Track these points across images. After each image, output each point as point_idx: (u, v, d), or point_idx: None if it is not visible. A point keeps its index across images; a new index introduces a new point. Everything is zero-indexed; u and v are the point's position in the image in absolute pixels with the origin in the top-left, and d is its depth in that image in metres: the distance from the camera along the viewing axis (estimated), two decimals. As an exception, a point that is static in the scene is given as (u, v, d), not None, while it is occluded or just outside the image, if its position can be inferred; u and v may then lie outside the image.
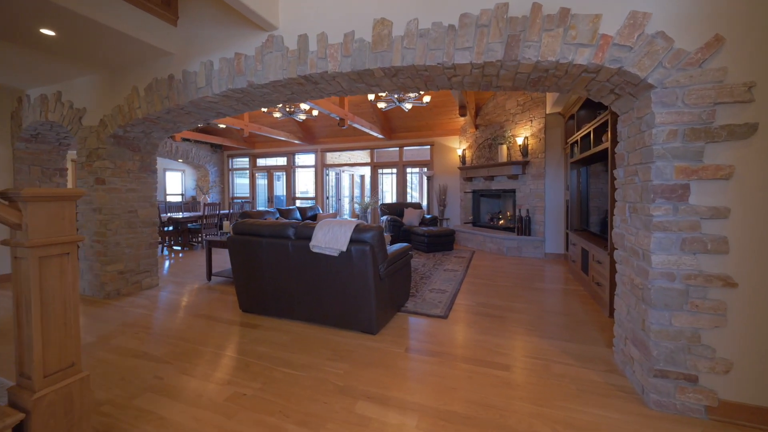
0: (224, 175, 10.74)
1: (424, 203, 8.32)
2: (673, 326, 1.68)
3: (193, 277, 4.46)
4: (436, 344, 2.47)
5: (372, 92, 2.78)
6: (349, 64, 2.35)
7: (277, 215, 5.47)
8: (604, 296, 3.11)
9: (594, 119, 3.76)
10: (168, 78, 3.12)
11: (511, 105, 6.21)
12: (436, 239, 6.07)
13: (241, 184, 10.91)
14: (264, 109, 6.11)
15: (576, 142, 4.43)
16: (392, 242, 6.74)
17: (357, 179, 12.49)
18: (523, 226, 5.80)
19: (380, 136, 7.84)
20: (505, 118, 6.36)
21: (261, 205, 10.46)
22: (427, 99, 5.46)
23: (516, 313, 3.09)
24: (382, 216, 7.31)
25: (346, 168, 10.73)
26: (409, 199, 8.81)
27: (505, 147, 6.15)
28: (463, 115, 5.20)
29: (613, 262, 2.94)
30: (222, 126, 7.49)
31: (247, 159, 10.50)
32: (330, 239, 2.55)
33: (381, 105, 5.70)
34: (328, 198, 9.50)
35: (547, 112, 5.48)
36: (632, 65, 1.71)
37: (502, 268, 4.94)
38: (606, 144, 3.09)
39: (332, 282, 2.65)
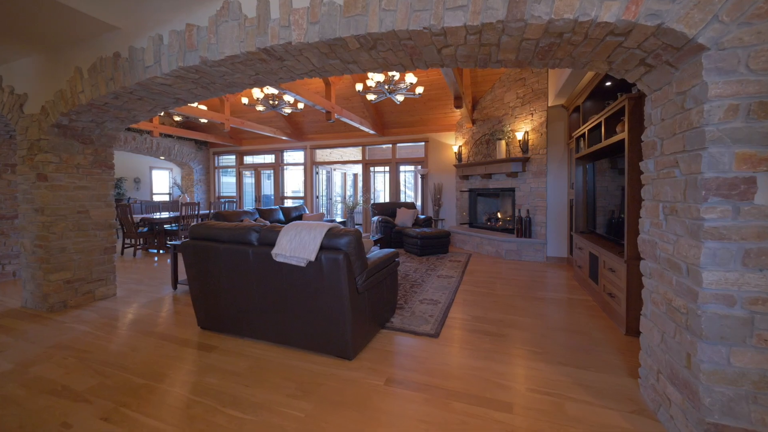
0: (210, 174, 10.27)
1: (419, 203, 7.90)
2: (732, 366, 1.27)
3: (159, 284, 4.01)
4: (423, 373, 2.05)
5: (349, 71, 2.35)
6: (317, 33, 1.91)
7: (257, 216, 5.03)
8: (618, 310, 2.70)
9: (602, 110, 3.35)
10: (113, 56, 2.67)
11: (510, 98, 5.81)
12: (430, 241, 5.65)
13: (227, 183, 10.43)
14: (245, 101, 5.66)
15: (582, 135, 4.02)
16: (383, 245, 6.32)
17: (350, 178, 12.05)
18: (522, 228, 5.40)
19: (372, 131, 7.41)
20: (503, 111, 5.95)
21: (249, 205, 10.00)
22: (419, 90, 5.03)
23: (518, 330, 2.68)
24: (374, 216, 6.88)
25: (337, 166, 10.29)
26: (403, 199, 8.39)
27: (503, 143, 5.75)
28: (458, 107, 4.79)
29: (630, 272, 2.53)
30: (204, 121, 7.03)
31: (233, 156, 10.03)
32: (296, 246, 2.12)
33: (371, 97, 5.26)
34: (317, 197, 9.06)
35: (550, 105, 5.07)
36: (676, 20, 1.30)
37: (500, 273, 4.52)
38: (622, 135, 2.68)
39: (300, 297, 2.22)
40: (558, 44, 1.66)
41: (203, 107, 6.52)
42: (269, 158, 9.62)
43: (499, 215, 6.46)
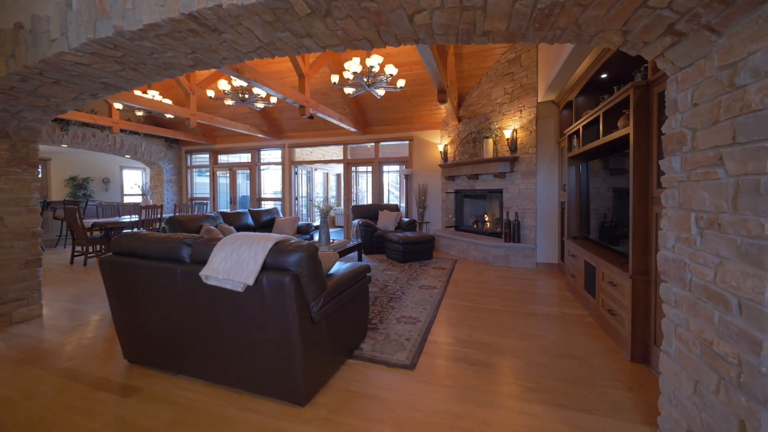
0: (182, 174, 9.62)
1: (403, 205, 7.51)
2: (812, 449, 0.90)
3: (99, 300, 3.48)
4: (392, 425, 1.63)
5: (305, 48, 1.92)
6: (254, -8, 1.47)
7: (220, 221, 4.52)
8: (622, 331, 2.35)
9: (598, 105, 3.02)
10: (14, 28, 2.16)
11: (497, 93, 5.47)
12: (413, 247, 5.25)
13: (201, 184, 9.81)
14: (210, 94, 5.14)
15: (576, 132, 3.69)
16: (364, 250, 5.89)
17: (332, 178, 11.58)
18: (511, 232, 5.06)
19: (353, 129, 6.97)
20: (490, 108, 5.61)
21: (223, 207, 9.41)
22: (401, 83, 4.63)
23: (508, 357, 2.29)
24: (354, 220, 6.45)
25: (318, 166, 9.82)
26: (387, 201, 7.99)
27: (490, 141, 5.40)
28: (442, 101, 4.42)
29: (637, 289, 2.18)
30: (170, 116, 6.44)
31: (207, 155, 9.42)
32: (232, 266, 1.67)
33: (348, 90, 4.83)
34: (296, 199, 8.56)
35: (539, 101, 4.75)
36: (732, -41, 0.92)
37: (488, 282, 4.16)
38: (625, 129, 2.33)
39: (239, 329, 1.77)
40: (562, 5, 1.27)
41: (168, 101, 5.95)
42: (245, 157, 9.06)
43: (486, 218, 6.12)
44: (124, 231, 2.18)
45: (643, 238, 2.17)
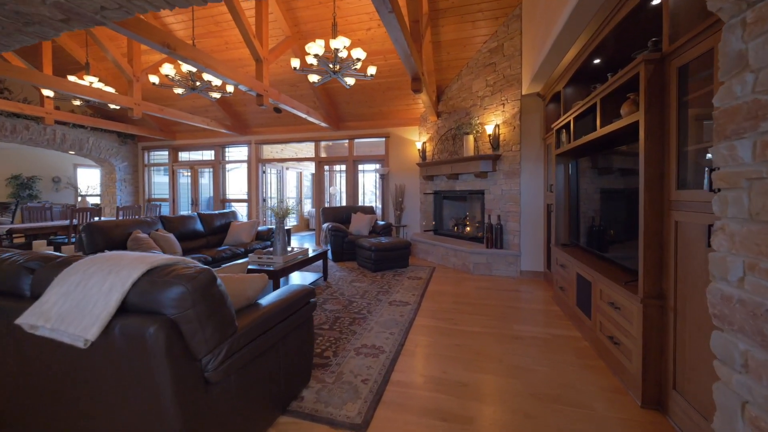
0: (138, 172, 8.75)
1: (380, 206, 6.98)
2: None
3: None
4: None
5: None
6: None
7: (158, 227, 3.84)
8: (628, 366, 1.89)
9: (588, 96, 2.58)
10: None
11: (478, 86, 5.02)
12: (386, 254, 4.73)
13: (161, 184, 8.96)
14: (154, 80, 4.45)
15: (565, 126, 3.26)
16: (334, 257, 5.32)
17: (307, 178, 10.92)
18: (493, 237, 4.62)
19: (324, 124, 6.39)
20: (471, 102, 5.17)
21: (184, 209, 8.60)
22: (372, 71, 4.10)
23: (490, 404, 1.79)
24: (324, 223, 5.87)
25: (291, 165, 9.16)
26: (364, 202, 7.44)
27: (471, 138, 4.95)
28: (416, 90, 3.91)
29: (650, 318, 1.73)
30: (114, 106, 5.65)
31: (166, 152, 8.59)
32: (70, 309, 1.09)
33: (313, 79, 4.26)
34: (264, 200, 7.89)
35: (524, 93, 4.32)
36: None
37: (467, 296, 3.68)
38: (633, 117, 1.88)
39: (93, 403, 1.18)
40: None
41: (110, 89, 5.19)
42: (208, 155, 8.30)
43: (467, 221, 5.67)
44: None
45: (657, 252, 1.72)
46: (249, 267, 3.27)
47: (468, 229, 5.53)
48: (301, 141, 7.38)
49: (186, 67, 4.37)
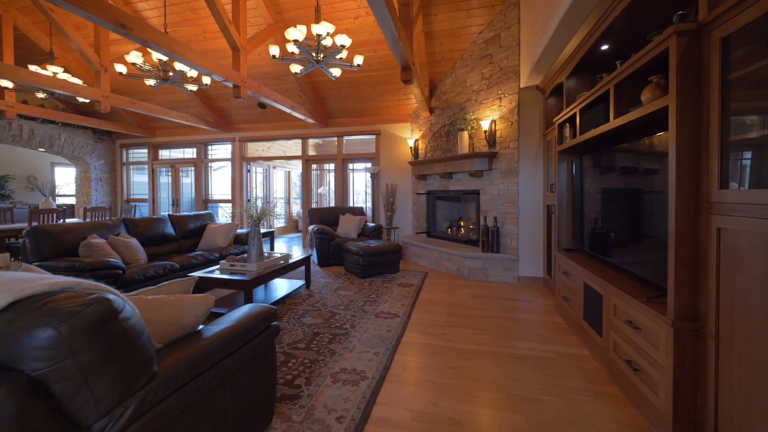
0: (116, 171, 8.30)
1: (370, 207, 6.65)
2: None
3: None
4: None
5: None
6: None
7: (120, 230, 3.46)
8: (653, 399, 1.59)
9: (595, 86, 2.30)
10: None
11: (473, 79, 4.72)
12: (375, 259, 4.39)
13: (141, 183, 8.51)
14: (121, 69, 4.06)
15: (570, 119, 2.97)
16: (319, 262, 4.99)
17: (297, 178, 10.54)
18: (489, 240, 4.32)
19: (311, 120, 6.03)
20: (466, 97, 4.86)
21: (165, 210, 8.17)
22: (358, 60, 3.77)
23: (490, 450, 1.48)
24: (310, 225, 5.52)
25: (278, 163, 8.78)
26: (354, 203, 7.09)
27: (465, 134, 4.65)
28: (407, 81, 3.58)
29: (682, 344, 1.43)
30: (83, 100, 5.22)
31: (146, 150, 8.15)
32: None
33: (295, 69, 3.92)
34: (249, 201, 7.50)
35: (522, 86, 4.03)
36: None
37: (462, 305, 3.37)
38: (660, 102, 1.58)
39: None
40: None
41: (77, 80, 4.78)
42: (190, 153, 7.89)
43: (462, 223, 5.37)
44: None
45: (691, 265, 1.42)
46: (218, 276, 2.92)
47: (463, 231, 5.22)
48: (287, 138, 7.01)
49: (157, 56, 4.00)
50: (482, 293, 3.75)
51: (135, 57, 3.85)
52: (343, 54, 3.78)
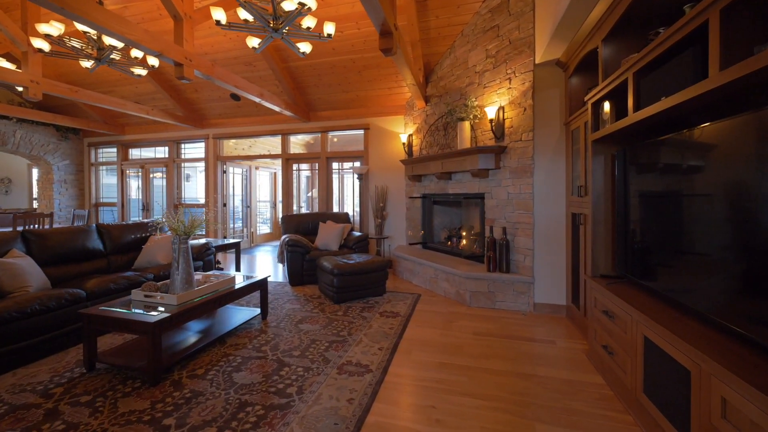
0: (84, 172, 7.57)
1: (358, 212, 5.79)
2: None
3: None
4: None
5: None
6: None
7: (15, 246, 2.64)
8: None
9: (646, 48, 1.44)
10: None
11: (476, 58, 3.87)
12: (353, 279, 3.54)
13: (111, 185, 7.77)
14: (40, 45, 3.28)
15: (614, 93, 2.10)
16: (292, 281, 4.15)
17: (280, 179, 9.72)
18: (497, 256, 3.44)
19: (288, 113, 5.22)
20: (468, 80, 4.01)
21: (135, 214, 7.41)
22: (329, 29, 2.94)
23: None
24: (284, 234, 4.68)
25: (263, 164, 7.98)
26: (342, 207, 6.25)
27: (467, 125, 3.79)
28: (386, 50, 2.64)
29: None
30: (20, 88, 4.44)
31: (114, 149, 7.41)
32: None
33: (252, 44, 3.12)
34: (225, 205, 6.70)
35: (538, 62, 3.17)
36: None
37: (460, 349, 2.49)
38: None
39: None
40: None
41: (8, 65, 4.01)
42: (162, 152, 7.13)
43: (463, 232, 4.50)
44: None
45: None
46: (114, 313, 2.08)
47: (465, 242, 4.35)
48: (264, 135, 6.21)
49: (84, 29, 3.22)
50: (488, 328, 2.86)
51: (48, 28, 3.07)
52: (311, 23, 2.97)
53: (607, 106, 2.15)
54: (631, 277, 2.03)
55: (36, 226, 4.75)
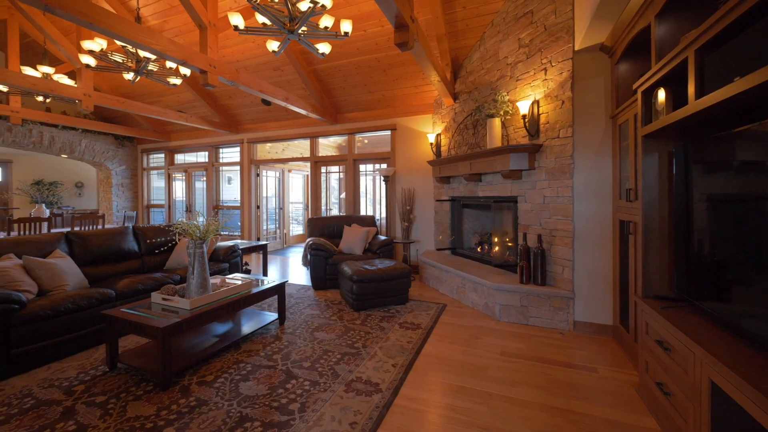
0: (138, 176, 8.25)
1: (383, 216, 5.65)
2: None
3: None
4: None
5: None
6: None
7: (60, 246, 2.84)
8: None
9: (712, 17, 1.11)
10: None
11: (508, 49, 3.55)
12: (374, 286, 3.39)
13: (160, 188, 8.39)
14: (87, 61, 3.55)
15: (671, 77, 1.74)
16: (315, 285, 4.12)
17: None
18: (531, 266, 3.11)
19: (314, 116, 5.22)
20: (498, 74, 3.70)
21: (180, 215, 7.91)
22: (346, 28, 2.84)
23: None
24: (309, 237, 4.68)
25: (295, 166, 8.15)
26: (368, 211, 6.16)
27: (497, 122, 3.48)
28: (402, 44, 2.37)
29: None
30: (78, 100, 4.91)
31: (162, 155, 7.99)
32: None
33: (272, 47, 3.11)
34: (258, 207, 6.90)
35: (578, 48, 2.80)
36: None
37: (484, 372, 2.24)
38: None
39: None
40: None
41: (67, 80, 4.44)
42: (203, 156, 7.54)
43: (495, 238, 4.17)
44: None
45: None
46: (130, 315, 2.13)
47: (497, 249, 4.02)
48: (293, 138, 6.30)
49: (122, 43, 3.43)
50: (518, 348, 2.57)
51: (92, 44, 3.30)
52: (328, 22, 2.89)
53: (661, 94, 1.79)
54: (694, 301, 1.66)
55: (91, 226, 5.21)
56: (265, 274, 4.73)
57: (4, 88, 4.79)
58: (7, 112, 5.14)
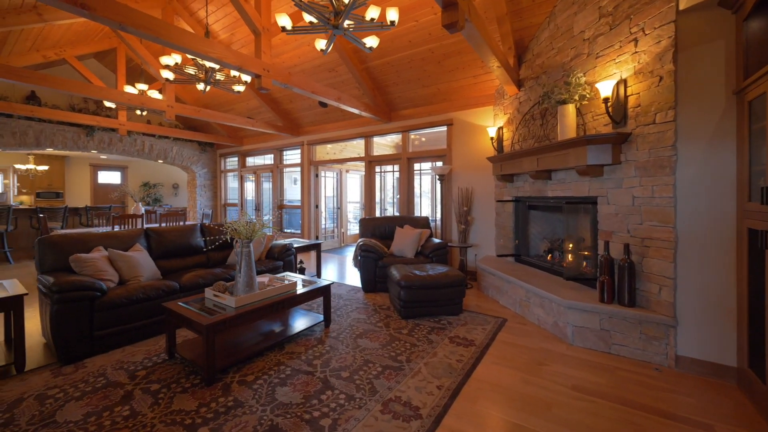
0: (217, 178, 9.18)
1: (438, 217, 5.33)
2: None
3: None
4: None
5: None
6: None
7: (139, 241, 3.19)
8: None
9: None
10: None
11: (584, 23, 2.99)
12: (423, 293, 3.15)
13: (234, 189, 9.23)
14: (167, 75, 3.96)
15: None
16: (365, 287, 4.04)
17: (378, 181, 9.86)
18: (615, 282, 2.55)
19: (367, 114, 5.14)
20: (573, 52, 3.15)
21: (251, 213, 8.59)
22: (392, 16, 2.65)
23: None
24: (360, 238, 4.61)
25: (353, 166, 8.25)
26: (423, 212, 5.90)
27: (570, 108, 2.95)
28: (450, 26, 2.02)
29: None
30: (164, 111, 5.61)
31: (236, 158, 8.76)
32: None
33: (320, 45, 3.08)
34: (317, 206, 7.12)
35: (683, 8, 2.19)
36: None
37: (547, 410, 1.85)
38: None
39: None
40: None
41: (156, 94, 5.08)
42: (270, 159, 8.06)
43: (570, 245, 3.59)
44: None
45: None
46: (182, 308, 2.23)
47: (571, 258, 3.45)
48: (348, 138, 6.33)
49: (192, 57, 3.73)
50: (596, 384, 2.10)
51: (167, 59, 3.65)
52: (375, 13, 2.73)
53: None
54: None
55: (175, 222, 5.89)
56: (318, 273, 4.80)
57: (112, 105, 5.65)
58: (116, 125, 6.08)
